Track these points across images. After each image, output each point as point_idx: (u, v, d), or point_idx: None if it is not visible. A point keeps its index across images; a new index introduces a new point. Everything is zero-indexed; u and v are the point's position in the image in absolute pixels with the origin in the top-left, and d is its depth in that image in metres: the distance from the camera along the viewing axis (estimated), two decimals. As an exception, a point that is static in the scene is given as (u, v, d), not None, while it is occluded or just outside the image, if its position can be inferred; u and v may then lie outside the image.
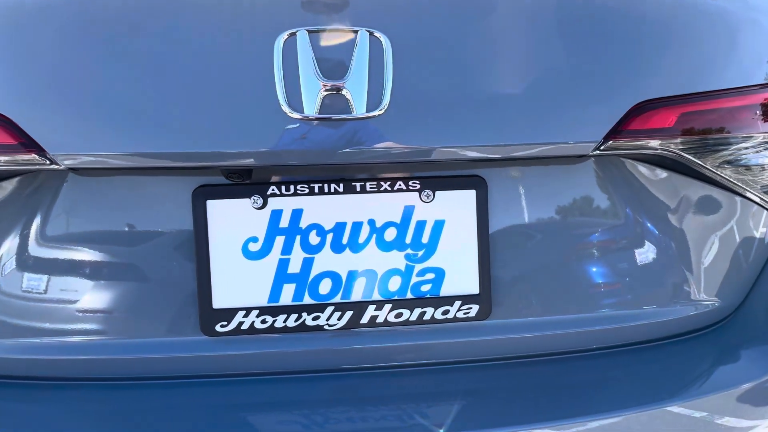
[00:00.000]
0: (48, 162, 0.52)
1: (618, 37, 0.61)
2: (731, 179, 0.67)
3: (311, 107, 0.51)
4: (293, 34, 0.51)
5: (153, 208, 0.63)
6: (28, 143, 0.51)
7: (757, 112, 0.66)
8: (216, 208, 0.63)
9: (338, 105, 0.52)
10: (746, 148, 0.67)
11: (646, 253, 0.70)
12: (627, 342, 0.72)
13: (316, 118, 0.52)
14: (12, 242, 0.60)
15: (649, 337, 0.73)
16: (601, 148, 0.59)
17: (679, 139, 0.62)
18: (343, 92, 0.52)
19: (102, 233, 0.62)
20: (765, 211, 0.73)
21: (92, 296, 0.62)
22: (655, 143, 0.61)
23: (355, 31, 0.52)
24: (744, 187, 0.68)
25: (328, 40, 0.52)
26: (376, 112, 0.53)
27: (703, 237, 0.72)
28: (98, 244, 0.62)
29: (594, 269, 0.69)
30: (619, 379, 0.68)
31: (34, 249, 0.61)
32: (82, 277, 0.62)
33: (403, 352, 0.67)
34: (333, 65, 0.52)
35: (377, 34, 0.52)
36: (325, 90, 0.51)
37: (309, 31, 0.51)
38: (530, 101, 0.58)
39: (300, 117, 0.52)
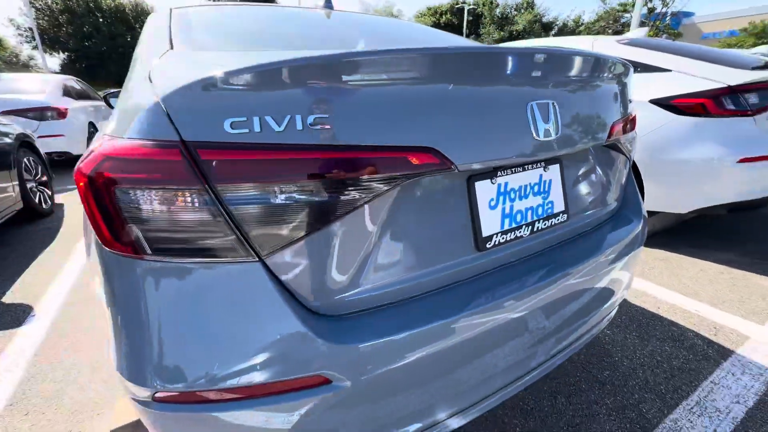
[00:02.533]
0: (454, 170, 1.05)
1: (604, 97, 1.51)
2: (628, 150, 1.70)
3: (541, 134, 1.22)
4: (530, 101, 1.20)
5: (447, 190, 1.19)
6: (446, 162, 1.04)
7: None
8: (478, 185, 1.24)
9: (548, 132, 1.24)
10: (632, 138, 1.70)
11: (610, 181, 1.67)
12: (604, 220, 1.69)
13: (543, 140, 1.22)
14: (399, 222, 1.08)
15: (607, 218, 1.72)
16: (606, 143, 1.50)
17: (620, 137, 1.58)
18: (549, 127, 1.24)
19: (422, 208, 1.16)
20: (628, 161, 1.80)
21: (417, 246, 1.14)
22: (615, 138, 1.56)
23: (548, 102, 1.24)
24: (631, 153, 1.73)
25: (541, 105, 1.22)
26: (557, 136, 1.27)
27: (620, 173, 1.73)
28: (422, 214, 1.15)
29: (599, 190, 1.62)
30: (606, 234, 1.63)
31: (401, 223, 1.10)
32: (414, 236, 1.14)
33: (547, 242, 1.44)
34: (543, 115, 1.23)
35: (554, 103, 1.26)
36: (546, 126, 1.22)
37: (537, 104, 1.21)
38: (589, 127, 1.42)
39: (538, 138, 1.21)
